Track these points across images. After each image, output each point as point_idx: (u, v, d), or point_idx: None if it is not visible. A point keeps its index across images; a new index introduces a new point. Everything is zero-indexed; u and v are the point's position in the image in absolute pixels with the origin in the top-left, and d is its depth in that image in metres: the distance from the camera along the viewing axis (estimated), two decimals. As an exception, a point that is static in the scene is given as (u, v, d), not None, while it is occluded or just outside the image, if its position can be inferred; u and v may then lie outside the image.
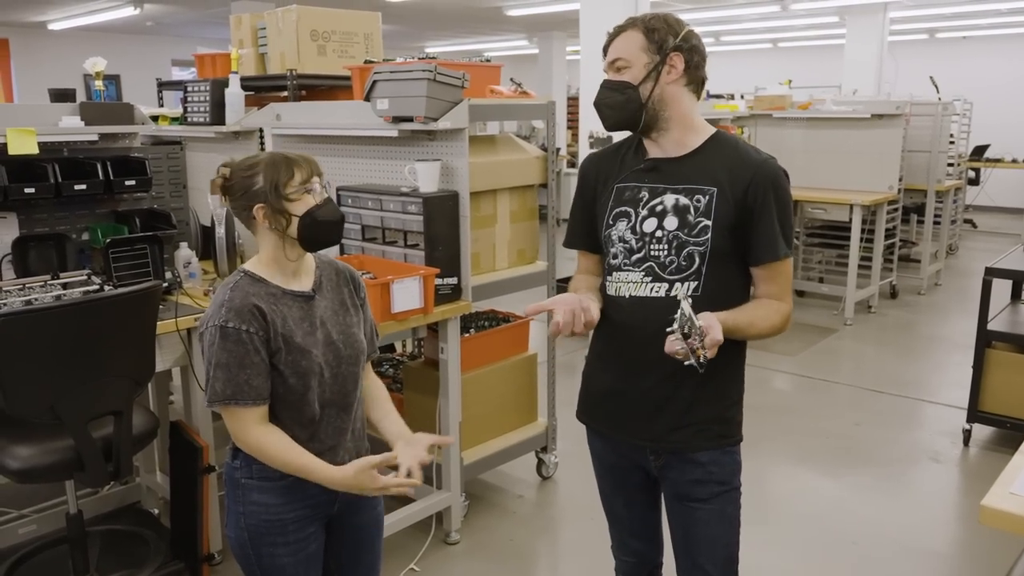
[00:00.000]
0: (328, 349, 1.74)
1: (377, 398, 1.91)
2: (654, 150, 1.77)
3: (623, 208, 1.77)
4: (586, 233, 1.88)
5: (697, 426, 1.76)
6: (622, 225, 1.76)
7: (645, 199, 1.75)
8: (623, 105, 1.71)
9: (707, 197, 1.69)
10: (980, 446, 4.05)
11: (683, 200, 1.71)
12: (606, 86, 1.74)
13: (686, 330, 1.52)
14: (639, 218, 1.74)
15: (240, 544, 1.75)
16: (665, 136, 1.74)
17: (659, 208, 1.73)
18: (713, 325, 1.55)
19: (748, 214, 1.68)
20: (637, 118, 1.71)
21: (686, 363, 1.53)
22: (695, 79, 1.72)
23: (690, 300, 1.55)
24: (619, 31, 1.73)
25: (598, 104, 1.76)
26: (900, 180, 6.36)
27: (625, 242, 1.75)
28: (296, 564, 1.76)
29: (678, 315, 1.53)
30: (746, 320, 1.68)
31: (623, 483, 1.93)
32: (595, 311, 1.71)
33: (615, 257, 1.78)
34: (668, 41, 1.68)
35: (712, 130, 1.77)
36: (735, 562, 1.85)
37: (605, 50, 1.75)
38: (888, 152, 6.25)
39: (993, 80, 12.06)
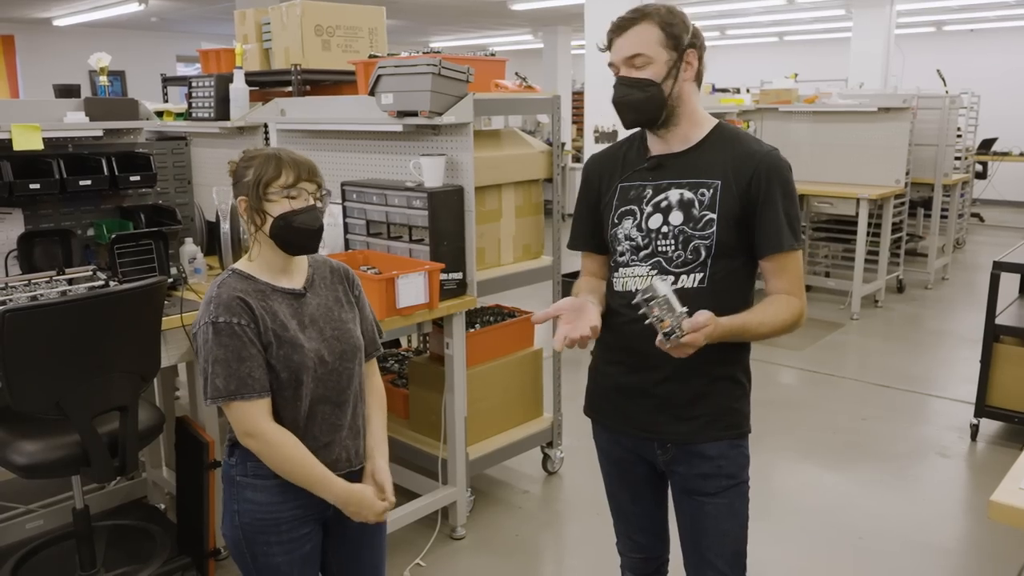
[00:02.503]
0: (321, 344, 1.73)
1: (368, 407, 1.89)
2: (657, 146, 1.76)
3: (628, 207, 1.76)
4: (591, 234, 1.87)
5: (705, 418, 1.75)
6: (628, 223, 1.75)
7: (649, 196, 1.74)
8: (644, 103, 1.68)
9: (711, 190, 1.68)
10: (988, 441, 4.03)
11: (687, 194, 1.70)
12: (626, 83, 1.68)
13: (647, 296, 1.51)
14: (644, 215, 1.73)
15: (235, 543, 1.75)
16: (673, 132, 1.73)
17: (664, 204, 1.72)
18: (702, 312, 1.53)
19: (752, 206, 1.67)
20: (658, 116, 1.69)
21: (657, 341, 1.53)
22: (700, 74, 1.73)
23: (668, 280, 1.61)
24: (630, 23, 1.67)
25: (618, 102, 1.70)
26: (907, 174, 6.32)
27: (631, 240, 1.75)
28: (291, 563, 1.75)
29: (644, 286, 1.53)
30: (756, 320, 1.67)
31: (629, 478, 1.92)
32: (596, 316, 1.70)
33: (622, 255, 1.77)
34: (683, 38, 1.66)
35: (714, 122, 1.76)
36: (743, 556, 1.84)
37: (611, 42, 1.70)
38: (895, 146, 6.22)
39: (1000, 73, 11.99)
